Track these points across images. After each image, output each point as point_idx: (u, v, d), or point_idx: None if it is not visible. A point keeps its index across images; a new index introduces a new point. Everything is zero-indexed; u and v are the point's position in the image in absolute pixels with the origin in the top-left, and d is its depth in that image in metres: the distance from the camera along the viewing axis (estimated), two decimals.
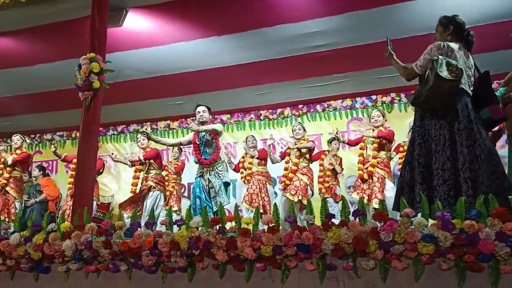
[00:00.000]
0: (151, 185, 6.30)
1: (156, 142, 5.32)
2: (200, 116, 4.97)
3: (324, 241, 2.64)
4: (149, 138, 5.11)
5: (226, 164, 5.18)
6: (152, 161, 6.42)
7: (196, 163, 4.99)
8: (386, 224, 2.56)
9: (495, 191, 2.82)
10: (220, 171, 4.84)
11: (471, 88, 3.21)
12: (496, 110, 3.23)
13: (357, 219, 2.74)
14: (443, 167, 3.02)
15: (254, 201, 6.19)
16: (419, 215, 2.72)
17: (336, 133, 6.01)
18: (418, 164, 3.13)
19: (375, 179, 5.30)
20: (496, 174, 2.99)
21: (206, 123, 4.98)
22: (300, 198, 5.86)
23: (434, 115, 3.14)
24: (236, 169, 6.79)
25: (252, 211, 5.94)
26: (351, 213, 2.79)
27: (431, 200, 2.91)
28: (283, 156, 6.56)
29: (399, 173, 5.49)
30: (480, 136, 3.03)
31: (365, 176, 5.36)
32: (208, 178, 4.77)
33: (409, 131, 5.51)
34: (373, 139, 5.45)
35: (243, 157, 6.81)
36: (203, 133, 4.91)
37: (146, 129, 5.19)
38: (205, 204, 4.48)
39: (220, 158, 4.96)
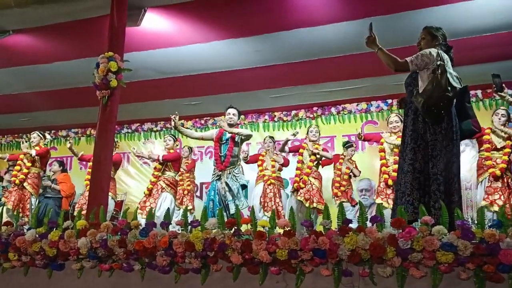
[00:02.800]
0: (162, 186, 6.32)
1: (180, 132, 5.36)
2: (230, 118, 5.05)
3: (340, 247, 2.61)
4: (175, 127, 5.15)
5: (242, 167, 5.13)
6: (170, 163, 6.43)
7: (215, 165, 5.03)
8: (404, 231, 2.52)
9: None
10: (236, 173, 4.90)
11: None
12: (478, 124, 3.32)
13: (374, 225, 2.70)
14: (442, 174, 3.01)
15: (266, 204, 6.14)
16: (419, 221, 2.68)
17: (360, 133, 5.85)
18: (414, 169, 3.09)
19: None
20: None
21: (234, 126, 5.07)
22: (315, 205, 5.80)
23: (434, 120, 3.08)
24: (250, 161, 6.47)
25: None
26: (369, 219, 2.75)
27: (427, 205, 2.91)
28: (293, 149, 6.46)
29: None
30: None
31: (390, 181, 5.19)
32: (225, 181, 4.83)
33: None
34: (393, 145, 5.29)
35: (263, 156, 6.58)
36: (228, 135, 4.96)
37: (174, 117, 5.15)
38: (218, 208, 4.48)
39: (237, 161, 4.99)
